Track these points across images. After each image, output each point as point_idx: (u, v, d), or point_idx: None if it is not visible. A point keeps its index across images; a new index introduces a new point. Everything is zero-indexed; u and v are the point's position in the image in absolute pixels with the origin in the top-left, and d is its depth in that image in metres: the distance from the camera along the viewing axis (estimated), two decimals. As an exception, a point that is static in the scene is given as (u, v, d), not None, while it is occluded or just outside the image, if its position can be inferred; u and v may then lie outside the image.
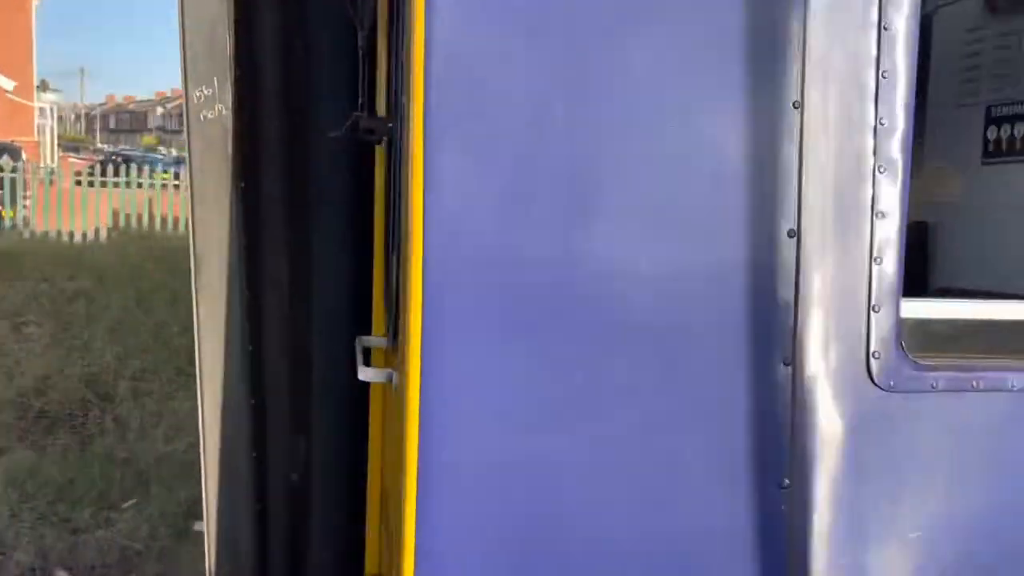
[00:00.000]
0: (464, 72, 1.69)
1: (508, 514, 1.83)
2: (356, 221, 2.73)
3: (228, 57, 2.38)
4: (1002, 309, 2.18)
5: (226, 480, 2.60)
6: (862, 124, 1.81)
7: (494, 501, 1.81)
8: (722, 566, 1.84)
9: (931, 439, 1.89)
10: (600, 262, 1.78)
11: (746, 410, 1.81)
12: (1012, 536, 1.97)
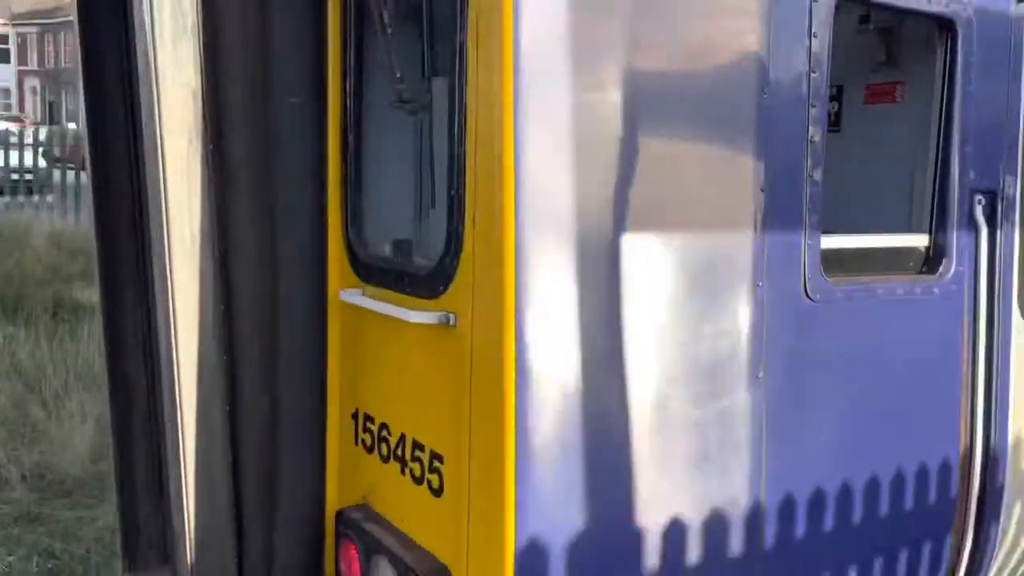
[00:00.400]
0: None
1: (593, 428, 2.31)
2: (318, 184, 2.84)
3: (196, 23, 2.44)
4: (882, 239, 3.01)
5: (202, 433, 2.71)
6: (802, 115, 2.55)
7: (578, 422, 2.28)
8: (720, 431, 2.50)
9: (841, 332, 2.76)
10: (648, 225, 2.35)
11: (732, 320, 2.50)
12: (895, 393, 2.90)
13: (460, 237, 2.27)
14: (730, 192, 2.48)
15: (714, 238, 2.49)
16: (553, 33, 2.12)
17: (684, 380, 2.43)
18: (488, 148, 2.14)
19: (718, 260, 2.49)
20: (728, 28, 2.40)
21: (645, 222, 2.36)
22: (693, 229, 2.44)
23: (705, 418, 2.45)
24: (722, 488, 2.49)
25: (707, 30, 2.38)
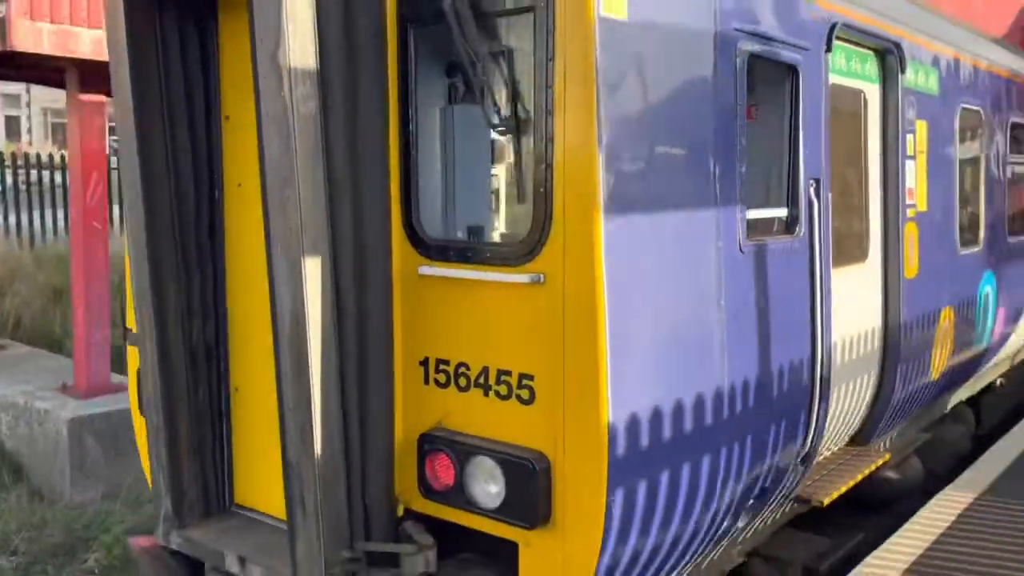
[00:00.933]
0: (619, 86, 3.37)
1: (677, 369, 3.61)
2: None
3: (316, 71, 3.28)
4: (767, 212, 4.32)
5: (325, 386, 3.48)
6: (734, 131, 3.89)
7: (670, 366, 3.57)
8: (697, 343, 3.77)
9: (754, 273, 4.00)
10: (667, 205, 3.59)
11: (709, 268, 3.78)
12: (781, 310, 4.18)
13: (550, 220, 3.26)
14: (702, 183, 3.72)
15: (697, 214, 3.71)
16: (615, 86, 3.27)
17: (696, 306, 3.66)
18: (577, 157, 3.23)
19: (701, 228, 3.71)
20: (697, 84, 3.73)
21: (665, 204, 3.55)
22: (687, 208, 3.66)
23: (708, 331, 3.72)
24: (716, 372, 3.75)
25: (688, 86, 3.69)
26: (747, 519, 4.19)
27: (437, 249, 3.61)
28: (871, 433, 5.23)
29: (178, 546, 3.98)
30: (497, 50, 3.36)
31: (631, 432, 3.31)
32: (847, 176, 4.87)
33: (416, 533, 3.55)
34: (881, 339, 5.09)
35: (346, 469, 3.52)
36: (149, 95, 3.73)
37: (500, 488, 3.39)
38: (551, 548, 3.34)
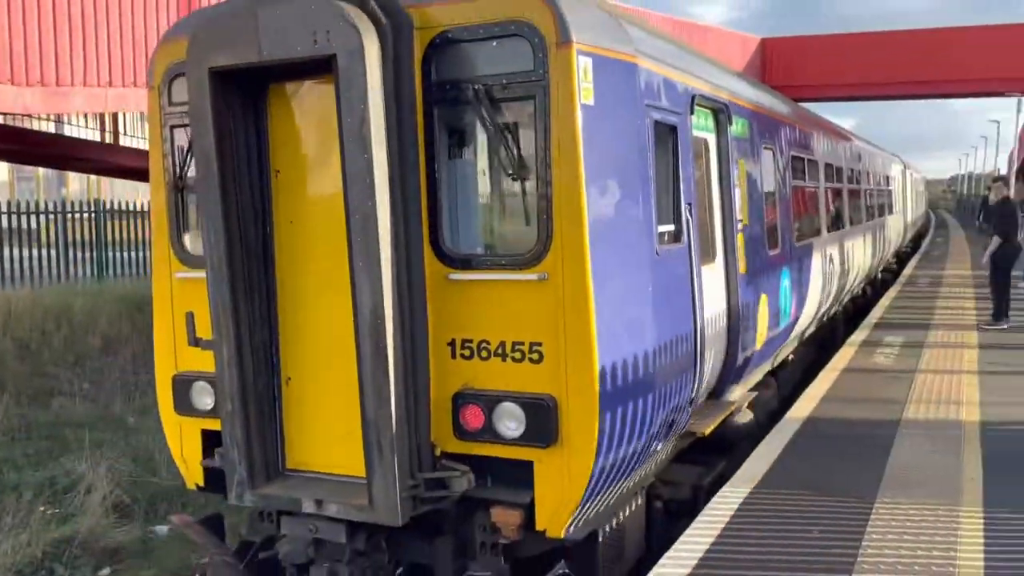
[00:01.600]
0: (594, 146, 4.60)
1: (648, 346, 4.97)
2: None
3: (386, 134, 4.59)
4: (664, 227, 5.51)
5: (397, 358, 4.65)
6: (647, 171, 5.17)
7: (641, 345, 4.92)
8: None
9: (663, 268, 5.25)
10: (644, 232, 5.01)
11: (648, 265, 5.10)
12: (675, 293, 5.48)
13: (551, 236, 4.57)
14: (637, 208, 5.01)
15: (636, 229, 5.00)
16: (590, 147, 4.58)
17: (638, 292, 5.02)
18: (569, 194, 4.56)
19: (637, 239, 5.01)
20: (631, 142, 5.04)
21: (619, 223, 4.88)
22: (631, 226, 4.97)
23: (645, 310, 5.06)
24: (650, 338, 5.04)
25: (627, 143, 5.01)
26: (662, 444, 5.61)
27: (457, 260, 4.81)
28: (723, 388, 6.86)
29: (252, 503, 5.00)
30: (502, 122, 4.67)
31: (610, 377, 4.66)
32: (702, 200, 6.40)
33: (454, 465, 4.82)
34: (726, 318, 6.64)
35: (406, 422, 4.65)
36: (225, 156, 4.75)
37: (520, 423, 4.65)
38: (559, 462, 4.64)
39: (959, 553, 5.01)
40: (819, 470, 6.50)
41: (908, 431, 7.46)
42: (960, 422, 7.74)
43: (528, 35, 4.50)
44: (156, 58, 5.43)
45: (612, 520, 5.30)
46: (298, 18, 4.43)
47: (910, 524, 5.42)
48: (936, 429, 7.52)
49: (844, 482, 6.20)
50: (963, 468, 6.47)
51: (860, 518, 5.52)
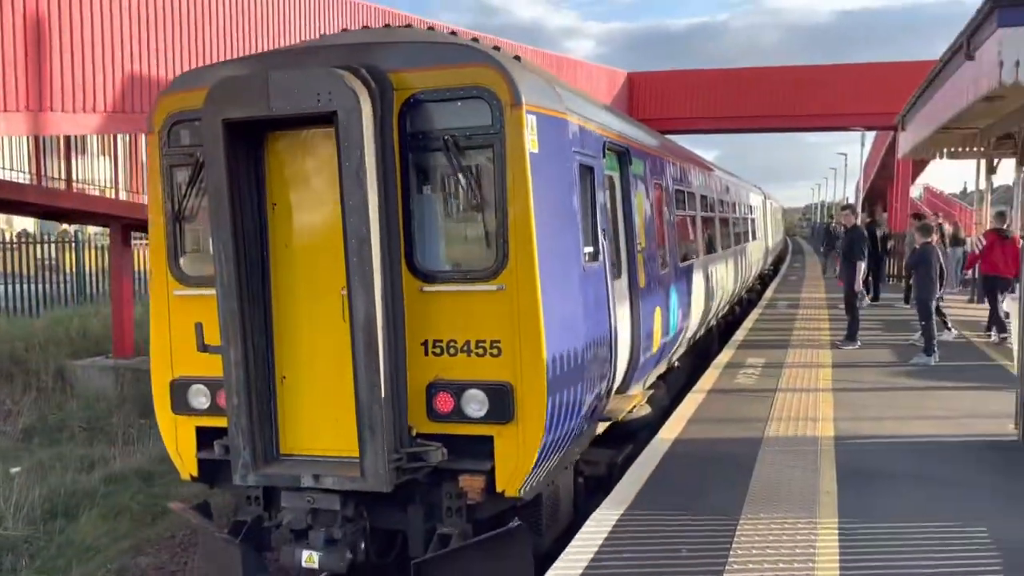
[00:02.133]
0: (541, 186, 5.74)
1: (582, 345, 6.11)
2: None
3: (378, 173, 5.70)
4: (586, 248, 6.60)
5: (387, 356, 5.65)
6: (577, 206, 6.35)
7: (575, 344, 6.00)
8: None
9: (588, 280, 6.42)
10: (575, 252, 6.22)
11: (580, 279, 6.30)
12: (594, 302, 6.51)
13: (507, 256, 5.61)
14: (571, 232, 6.16)
15: (570, 249, 6.12)
16: (537, 185, 5.65)
17: (573, 301, 6.10)
18: (521, 222, 5.61)
19: (571, 257, 6.14)
20: (566, 181, 6.21)
21: (559, 245, 5.94)
22: (567, 247, 6.10)
23: (578, 315, 6.15)
24: (582, 337, 6.13)
25: (563, 182, 6.16)
26: (587, 426, 6.66)
27: (429, 275, 5.83)
28: (627, 385, 7.82)
29: (256, 482, 5.85)
30: (468, 164, 5.69)
31: (554, 367, 5.69)
32: (611, 226, 7.36)
33: (428, 442, 5.80)
34: (630, 325, 7.65)
35: (390, 407, 5.60)
36: (234, 192, 5.64)
37: (483, 405, 5.70)
38: (515, 436, 5.71)
39: (817, 563, 5.26)
40: (687, 490, 6.69)
41: (769, 448, 7.78)
42: (817, 438, 8.14)
43: (488, 98, 5.59)
44: (156, 108, 6.27)
45: (551, 487, 6.43)
46: (305, 82, 5.41)
47: (772, 538, 5.64)
48: (795, 445, 7.88)
49: (711, 501, 6.40)
50: (820, 482, 6.80)
51: (726, 535, 5.70)
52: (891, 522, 5.90)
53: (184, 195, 6.14)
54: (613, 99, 31.00)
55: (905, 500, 6.41)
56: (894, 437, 8.25)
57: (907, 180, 37.52)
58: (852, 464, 7.26)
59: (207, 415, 6.16)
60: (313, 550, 5.75)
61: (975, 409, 9.29)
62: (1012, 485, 6.78)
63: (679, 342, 10.48)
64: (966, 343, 13.99)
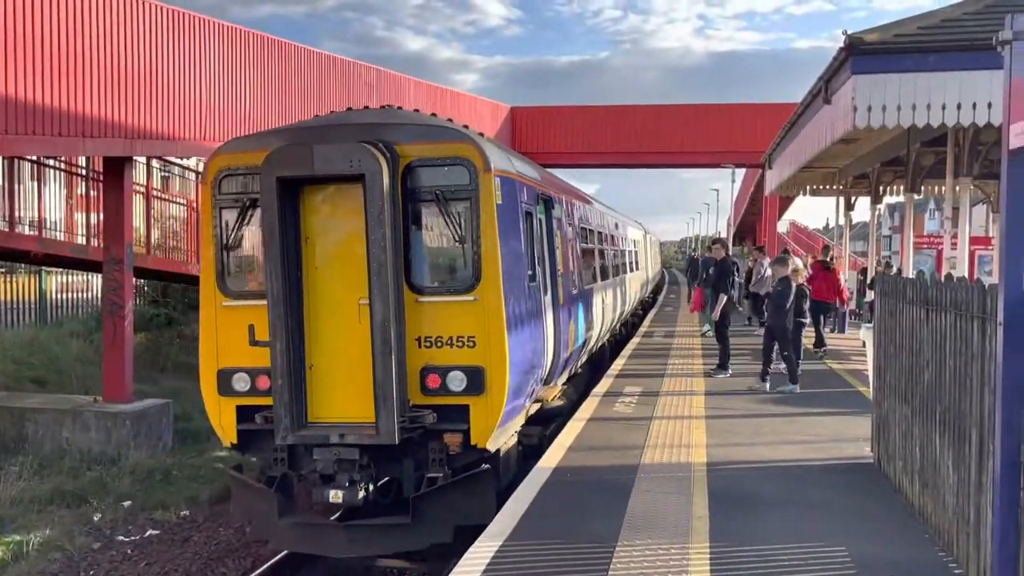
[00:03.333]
0: (503, 228, 7.88)
1: (529, 343, 8.47)
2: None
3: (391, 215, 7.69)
4: (525, 272, 8.82)
5: (390, 348, 7.42)
6: (523, 242, 8.60)
7: (524, 340, 8.29)
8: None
9: (532, 300, 8.75)
10: (524, 274, 8.49)
11: (533, 295, 8.85)
12: (533, 314, 8.82)
13: (479, 276, 7.67)
14: (522, 261, 8.42)
15: (522, 273, 8.35)
16: (501, 226, 7.78)
17: (524, 310, 8.32)
18: (490, 251, 7.70)
19: (523, 278, 8.37)
20: (518, 223, 8.43)
21: (515, 268, 8.09)
22: (520, 270, 8.29)
23: (525, 320, 8.35)
24: (528, 336, 8.46)
25: (516, 224, 8.35)
26: (528, 403, 8.93)
27: (422, 289, 7.80)
28: (552, 377, 10.06)
29: (294, 440, 7.56)
30: (453, 211, 7.74)
31: (512, 356, 7.75)
32: (541, 255, 9.59)
33: (421, 409, 7.65)
34: (554, 331, 9.81)
35: (396, 384, 7.37)
36: (284, 230, 7.48)
37: (463, 382, 7.66)
38: (485, 404, 7.69)
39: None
40: (565, 519, 6.74)
41: (645, 475, 7.95)
42: (690, 464, 8.37)
43: (467, 165, 7.71)
44: (210, 165, 8.10)
45: (505, 446, 8.50)
46: (341, 152, 7.35)
47: (647, 564, 5.74)
48: (670, 472, 8.08)
49: (588, 529, 6.47)
50: (692, 507, 6.98)
51: (602, 563, 5.76)
52: (759, 545, 6.10)
53: (231, 230, 7.97)
54: (496, 132, 31.39)
55: (772, 523, 6.65)
56: (763, 462, 8.57)
57: (774, 215, 39.47)
58: (723, 489, 7.49)
59: (247, 396, 7.88)
60: (338, 489, 7.49)
61: (837, 434, 9.77)
62: (868, 506, 7.14)
63: (584, 350, 13.01)
64: (830, 371, 14.75)
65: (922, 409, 6.58)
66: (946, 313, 5.92)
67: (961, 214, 12.66)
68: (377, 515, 7.79)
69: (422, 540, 7.71)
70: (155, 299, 22.19)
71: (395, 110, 9.31)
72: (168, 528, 10.00)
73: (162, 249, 17.88)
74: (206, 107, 14.29)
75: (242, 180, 7.89)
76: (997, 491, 4.51)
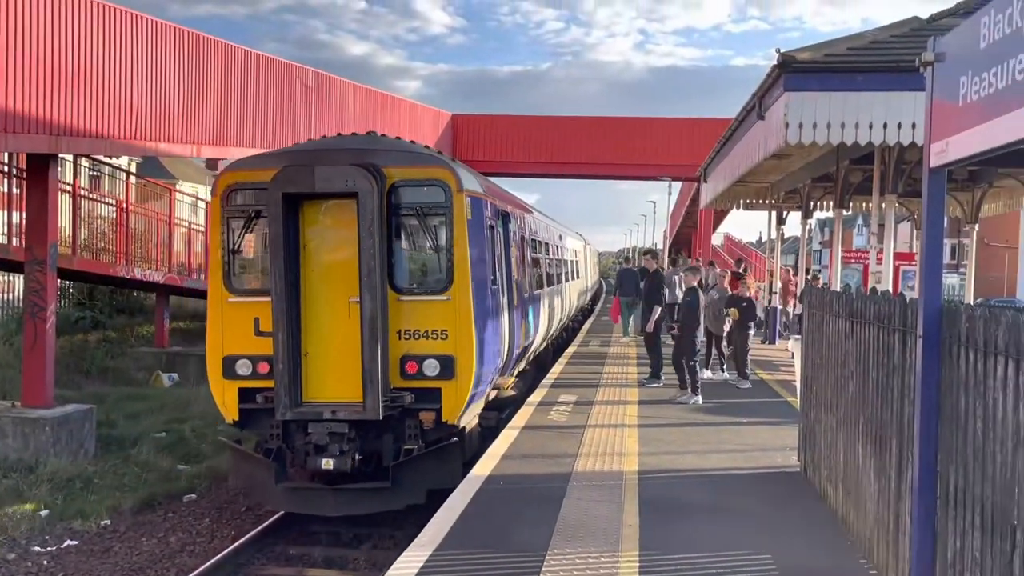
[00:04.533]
0: (473, 241, 9.45)
1: (491, 337, 9.90)
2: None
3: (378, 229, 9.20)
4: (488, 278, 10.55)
5: (376, 337, 8.78)
6: (491, 254, 10.44)
7: (488, 335, 9.77)
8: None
9: (494, 299, 10.40)
10: (488, 278, 10.00)
11: (495, 296, 10.46)
12: (496, 314, 10.45)
13: (452, 280, 9.18)
14: (488, 265, 10.02)
15: (487, 276, 9.88)
16: (470, 237, 9.28)
17: (488, 308, 9.82)
18: (461, 259, 9.21)
19: (487, 281, 9.90)
20: (485, 235, 9.86)
21: (480, 272, 9.56)
22: (485, 274, 9.78)
23: (488, 316, 9.82)
24: (492, 331, 10.01)
25: (483, 236, 9.81)
26: (488, 389, 10.27)
27: (403, 290, 9.16)
28: (507, 369, 11.43)
29: (292, 416, 8.84)
30: (430, 224, 9.22)
31: (479, 347, 9.14)
32: (500, 262, 10.85)
33: (401, 391, 9.04)
34: (509, 328, 11.10)
35: (380, 369, 8.65)
36: (287, 237, 8.77)
37: (436, 368, 9.01)
38: (455, 387, 9.05)
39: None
40: (497, 527, 6.71)
41: (577, 483, 7.97)
42: (622, 472, 8.43)
43: (443, 186, 9.12)
44: (219, 180, 9.56)
45: (470, 424, 9.85)
46: (339, 173, 8.73)
47: (577, 572, 5.75)
48: (601, 480, 8.11)
49: (519, 537, 6.45)
50: (623, 515, 7.02)
51: (532, 572, 5.75)
52: (688, 553, 6.17)
53: (237, 237, 9.36)
54: (437, 139, 31.29)
55: (701, 531, 6.73)
56: (693, 470, 8.68)
57: (709, 228, 40.13)
58: (654, 497, 7.56)
59: (248, 379, 9.15)
60: (330, 457, 8.74)
61: (765, 443, 9.96)
62: (794, 514, 7.28)
63: (532, 349, 14.73)
64: (759, 380, 15.03)
65: (846, 419, 6.73)
66: (870, 326, 6.08)
67: (886, 230, 13.04)
68: (361, 481, 8.95)
69: (399, 501, 8.98)
70: (81, 301, 21.51)
71: (380, 137, 10.67)
72: (87, 538, 9.65)
73: (89, 250, 17.35)
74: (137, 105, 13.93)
75: (247, 194, 9.25)
76: (915, 499, 4.64)
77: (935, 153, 4.42)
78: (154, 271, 18.68)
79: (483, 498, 7.52)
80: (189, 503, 10.92)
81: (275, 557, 9.09)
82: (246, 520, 10.22)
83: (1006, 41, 3.66)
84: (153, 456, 12.50)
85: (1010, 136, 3.63)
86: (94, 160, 18.81)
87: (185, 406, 15.67)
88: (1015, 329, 3.78)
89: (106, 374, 18.17)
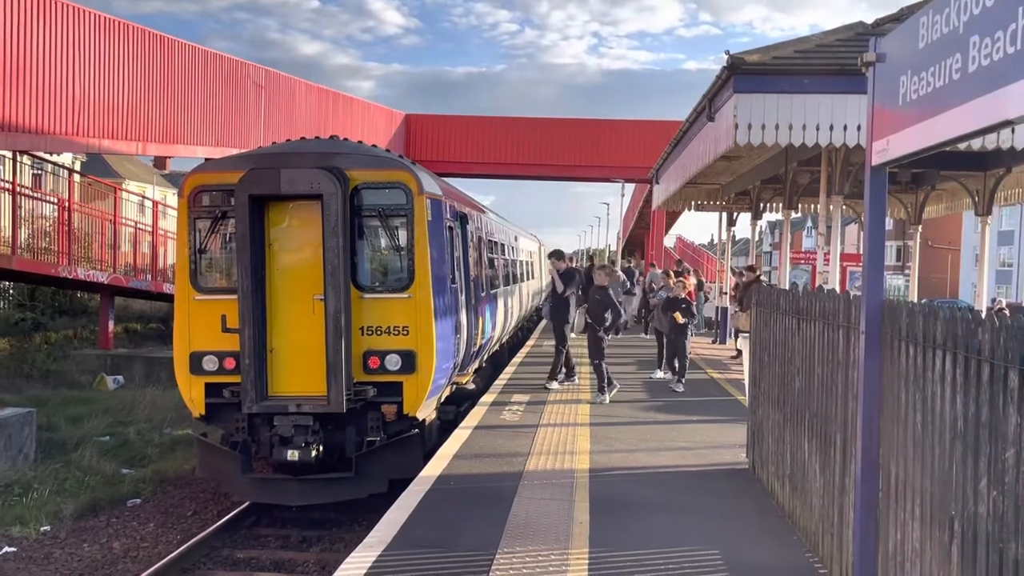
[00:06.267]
0: (435, 242, 9.85)
1: (450, 333, 10.28)
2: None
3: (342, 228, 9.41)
4: (457, 280, 11.27)
5: (341, 331, 9.18)
6: (459, 256, 11.41)
7: (447, 331, 10.13)
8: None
9: (453, 297, 10.76)
10: (447, 277, 10.33)
11: (448, 294, 10.39)
12: (455, 307, 10.84)
13: (412, 278, 9.46)
14: (448, 265, 10.34)
15: (447, 275, 10.23)
16: (431, 238, 9.60)
17: (447, 305, 10.09)
18: (422, 258, 9.50)
19: (448, 279, 10.26)
20: (445, 236, 10.21)
21: (441, 270, 9.90)
22: (445, 274, 10.13)
23: (448, 313, 10.16)
24: (450, 328, 10.27)
25: (443, 237, 10.15)
26: (447, 384, 10.65)
27: (365, 288, 9.44)
28: (465, 365, 11.76)
29: (258, 410, 9.08)
30: (392, 225, 9.55)
31: (438, 343, 9.44)
32: (459, 262, 11.14)
33: (364, 385, 9.28)
34: (467, 326, 11.25)
35: (344, 363, 8.96)
36: (254, 237, 9.06)
37: (398, 363, 9.31)
38: (415, 381, 9.35)
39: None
40: (447, 527, 6.66)
41: (528, 482, 7.96)
42: (573, 471, 8.43)
43: (404, 188, 9.42)
44: (186, 182, 9.66)
45: (430, 417, 10.18)
46: (303, 176, 9.01)
47: (526, 571, 5.73)
48: (553, 479, 8.11)
49: (470, 537, 6.41)
50: (574, 513, 7.02)
51: (482, 570, 5.71)
52: (637, 550, 6.18)
53: (203, 237, 9.51)
54: (390, 139, 31.11)
55: (651, 528, 6.76)
56: (643, 468, 8.72)
57: (662, 230, 40.51)
58: (604, 495, 7.58)
59: (214, 375, 9.30)
60: (295, 449, 8.97)
61: (715, 440, 10.05)
62: (743, 510, 7.35)
63: (489, 346, 15.02)
64: (709, 379, 15.18)
65: (793, 415, 6.82)
66: (815, 322, 6.17)
67: (833, 231, 13.27)
68: (325, 472, 9.26)
69: (362, 490, 9.29)
70: (22, 303, 20.94)
71: (344, 141, 10.66)
72: (27, 545, 9.37)
73: (31, 250, 16.88)
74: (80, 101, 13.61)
75: (214, 195, 9.41)
76: (858, 492, 4.71)
77: (876, 151, 4.49)
78: (98, 271, 18.25)
79: (433, 498, 7.47)
80: (133, 508, 10.66)
81: (222, 561, 8.91)
82: (193, 524, 10.02)
83: (943, 41, 3.73)
84: (96, 460, 12.19)
85: (948, 133, 3.70)
86: (36, 157, 18.33)
87: (130, 409, 15.32)
88: (953, 323, 3.86)
89: (48, 377, 17.70)
